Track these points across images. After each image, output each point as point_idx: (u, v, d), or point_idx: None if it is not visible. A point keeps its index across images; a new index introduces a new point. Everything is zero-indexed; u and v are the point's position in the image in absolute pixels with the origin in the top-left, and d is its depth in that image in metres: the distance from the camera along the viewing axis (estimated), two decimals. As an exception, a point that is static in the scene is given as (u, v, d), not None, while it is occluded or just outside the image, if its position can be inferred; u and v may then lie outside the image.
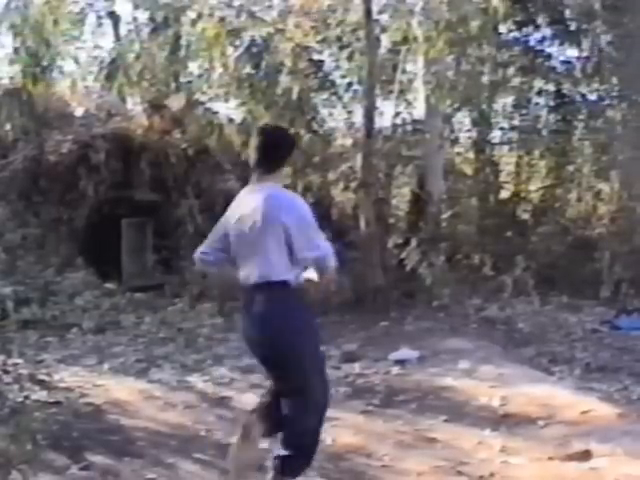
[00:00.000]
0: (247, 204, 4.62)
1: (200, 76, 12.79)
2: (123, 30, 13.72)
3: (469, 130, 14.01)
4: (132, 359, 8.17)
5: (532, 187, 13.85)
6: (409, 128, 12.78)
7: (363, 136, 10.59)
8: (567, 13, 13.39)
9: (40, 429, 5.26)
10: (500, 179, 13.87)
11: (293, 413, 4.58)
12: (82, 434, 5.74)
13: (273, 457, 4.71)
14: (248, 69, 11.31)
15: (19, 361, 6.73)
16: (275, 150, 4.75)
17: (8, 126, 11.78)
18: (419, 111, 12.38)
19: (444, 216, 12.37)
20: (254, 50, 11.25)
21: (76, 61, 13.78)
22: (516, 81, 13.61)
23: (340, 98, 12.75)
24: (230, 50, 11.34)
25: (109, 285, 10.73)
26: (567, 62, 13.46)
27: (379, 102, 11.57)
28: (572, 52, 13.40)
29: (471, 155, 14.23)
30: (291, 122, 11.38)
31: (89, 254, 11.05)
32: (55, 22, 11.80)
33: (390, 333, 9.20)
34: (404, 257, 10.69)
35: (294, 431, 4.62)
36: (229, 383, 7.12)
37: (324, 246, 4.68)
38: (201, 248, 4.85)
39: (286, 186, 11.01)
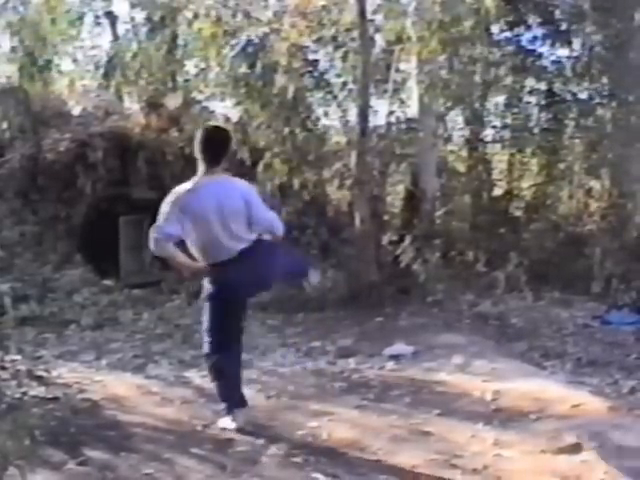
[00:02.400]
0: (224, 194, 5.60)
1: (197, 75, 12.82)
2: (121, 30, 13.80)
3: (462, 128, 14.03)
4: (130, 355, 8.22)
5: (524, 184, 13.86)
6: (403, 126, 12.77)
7: (358, 134, 10.61)
8: (558, 13, 13.42)
9: (38, 425, 5.29)
10: (493, 177, 13.88)
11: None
12: (80, 430, 5.78)
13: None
14: (244, 68, 11.33)
15: (17, 357, 6.76)
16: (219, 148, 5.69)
17: (5, 124, 11.82)
18: (413, 110, 12.42)
19: (438, 213, 12.41)
20: (250, 50, 11.27)
21: (74, 60, 13.85)
22: (508, 80, 13.61)
23: (335, 97, 12.72)
24: (226, 49, 11.37)
25: (107, 282, 10.78)
26: (558, 62, 13.48)
27: (373, 101, 11.60)
28: (563, 52, 13.42)
29: (464, 153, 14.23)
30: (286, 120, 11.44)
31: (87, 251, 11.10)
32: (53, 21, 11.85)
33: (385, 328, 9.23)
34: (398, 254, 10.73)
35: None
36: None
37: None
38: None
39: (281, 183, 11.15)
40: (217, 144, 5.71)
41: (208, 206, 5.49)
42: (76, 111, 12.70)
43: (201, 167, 5.63)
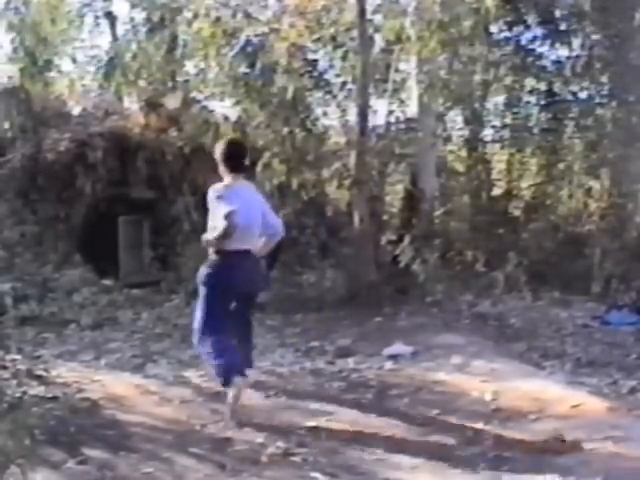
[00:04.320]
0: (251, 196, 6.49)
1: (196, 75, 12.83)
2: (120, 30, 13.79)
3: (461, 128, 14.06)
4: (129, 355, 8.21)
5: (524, 184, 13.86)
6: (402, 126, 12.79)
7: (357, 134, 10.61)
8: (557, 13, 13.44)
9: (37, 424, 5.32)
10: (492, 176, 13.89)
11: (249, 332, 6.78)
12: (79, 429, 5.79)
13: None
14: (243, 68, 11.36)
15: (17, 357, 6.80)
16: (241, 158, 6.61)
17: (6, 125, 11.85)
18: (412, 110, 12.43)
19: (437, 213, 12.43)
20: (249, 49, 11.30)
21: (74, 60, 13.88)
22: (508, 80, 13.64)
23: (334, 97, 12.73)
24: (226, 49, 11.39)
25: (106, 282, 10.80)
26: (558, 61, 13.47)
27: (373, 101, 11.60)
28: (562, 51, 13.43)
29: (463, 153, 14.27)
30: (286, 121, 11.45)
31: (86, 251, 11.11)
32: (53, 22, 11.88)
33: (384, 329, 9.22)
34: (397, 254, 10.74)
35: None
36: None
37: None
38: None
39: (280, 183, 11.20)
40: (240, 155, 6.60)
41: (242, 202, 6.17)
42: (76, 111, 12.74)
43: (227, 175, 6.46)
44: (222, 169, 6.52)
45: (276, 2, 11.84)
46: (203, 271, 6.36)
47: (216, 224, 6.16)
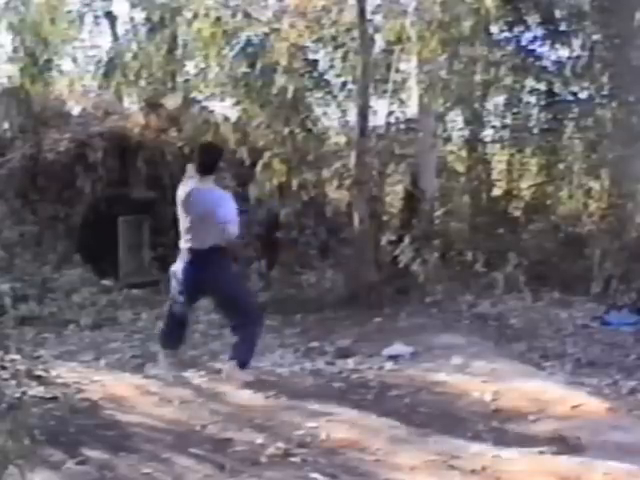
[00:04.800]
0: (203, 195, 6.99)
1: (196, 75, 12.83)
2: (120, 30, 13.76)
3: (461, 129, 14.02)
4: (128, 355, 8.22)
5: (523, 185, 13.84)
6: (402, 127, 12.76)
7: (357, 134, 10.61)
8: (557, 13, 13.43)
9: (37, 425, 5.30)
10: (492, 177, 13.88)
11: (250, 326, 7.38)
12: (79, 429, 5.79)
13: None
14: (244, 68, 11.35)
15: (16, 357, 6.77)
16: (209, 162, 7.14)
17: (6, 125, 11.85)
18: (412, 110, 12.40)
19: (437, 213, 12.39)
20: (249, 50, 11.29)
21: (74, 60, 13.86)
22: (508, 80, 13.61)
23: (334, 97, 12.73)
24: (226, 50, 11.39)
25: (106, 282, 10.78)
26: (558, 62, 13.44)
27: (373, 101, 11.58)
28: (563, 52, 13.41)
29: (463, 153, 14.25)
30: (286, 121, 11.43)
31: (86, 251, 11.10)
32: (53, 22, 11.87)
33: (384, 329, 9.22)
34: (397, 254, 10.73)
35: None
36: (224, 378, 7.17)
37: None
38: None
39: (280, 183, 11.22)
40: (206, 158, 7.18)
41: (193, 204, 6.96)
42: (76, 111, 12.74)
43: (196, 175, 7.10)
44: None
45: (276, 2, 11.85)
46: None
47: None
